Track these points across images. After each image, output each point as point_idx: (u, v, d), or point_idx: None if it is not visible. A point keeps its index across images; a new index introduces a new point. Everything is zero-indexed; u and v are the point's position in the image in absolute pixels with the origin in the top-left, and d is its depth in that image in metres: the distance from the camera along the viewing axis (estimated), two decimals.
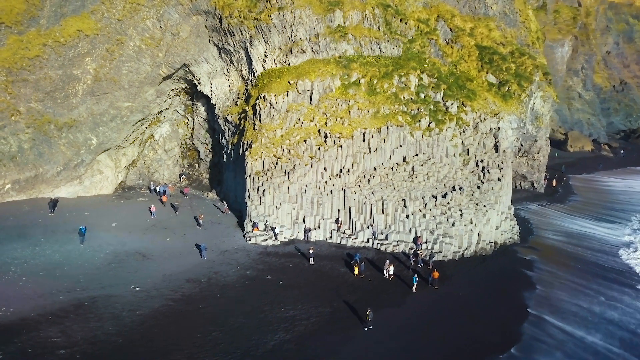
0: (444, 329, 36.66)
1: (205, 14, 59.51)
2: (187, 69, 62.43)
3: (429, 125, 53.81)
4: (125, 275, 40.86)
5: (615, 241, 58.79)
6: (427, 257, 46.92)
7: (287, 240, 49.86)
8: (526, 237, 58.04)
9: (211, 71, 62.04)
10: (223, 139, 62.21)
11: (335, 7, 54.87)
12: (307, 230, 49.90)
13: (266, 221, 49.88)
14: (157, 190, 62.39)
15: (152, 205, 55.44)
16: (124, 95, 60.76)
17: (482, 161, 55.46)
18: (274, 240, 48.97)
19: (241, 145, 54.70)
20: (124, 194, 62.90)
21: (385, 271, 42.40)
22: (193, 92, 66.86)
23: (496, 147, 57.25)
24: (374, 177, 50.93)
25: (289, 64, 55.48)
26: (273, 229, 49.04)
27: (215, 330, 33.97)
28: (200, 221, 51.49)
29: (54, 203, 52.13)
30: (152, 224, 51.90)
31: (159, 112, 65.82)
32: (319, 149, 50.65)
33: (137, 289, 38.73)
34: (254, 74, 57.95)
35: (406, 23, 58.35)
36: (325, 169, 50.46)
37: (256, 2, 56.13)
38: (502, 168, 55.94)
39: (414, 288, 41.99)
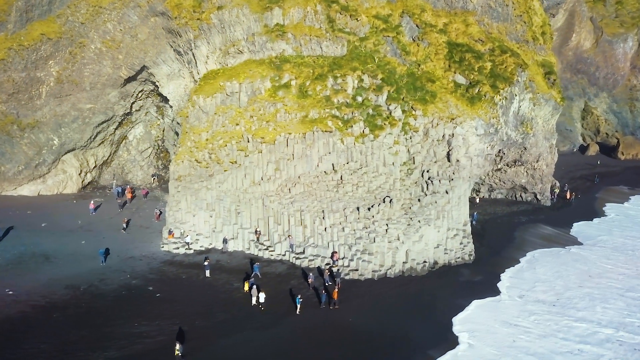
0: None
1: (162, 15, 58.96)
2: (148, 71, 62.33)
3: (363, 131, 49.36)
4: (12, 278, 40.94)
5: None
6: (335, 275, 42.92)
7: (203, 249, 47.97)
8: (488, 258, 51.92)
9: (170, 73, 61.54)
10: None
11: (273, 5, 52.00)
12: (225, 240, 47.71)
13: (182, 229, 48.28)
14: (117, 191, 62.97)
15: (92, 202, 56.30)
16: (86, 97, 61.88)
17: (428, 171, 50.10)
18: (186, 249, 47.27)
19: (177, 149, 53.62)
20: (87, 193, 64.15)
21: (253, 298, 38.89)
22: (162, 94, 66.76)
23: (449, 156, 51.50)
24: (295, 185, 47.63)
25: (227, 65, 53.46)
26: (183, 237, 47.39)
27: (47, 342, 32.85)
28: (124, 225, 50.99)
29: None
30: (81, 225, 52.12)
31: (128, 114, 66.37)
32: (239, 154, 48.20)
33: (10, 292, 38.60)
34: (199, 76, 56.60)
35: (357, 19, 54.08)
36: (245, 175, 47.90)
37: (201, 2, 54.66)
38: (452, 179, 50.21)
39: (297, 310, 38.47)
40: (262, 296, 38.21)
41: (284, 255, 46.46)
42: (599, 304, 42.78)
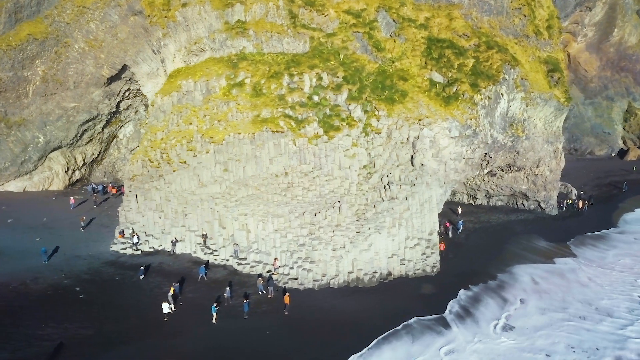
0: None
1: (139, 14, 58.82)
2: (130, 70, 62.44)
3: (317, 132, 46.68)
4: None
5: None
6: (268, 283, 40.75)
7: (152, 250, 47.09)
8: (457, 272, 47.89)
9: (150, 72, 61.20)
10: None
11: (235, 1, 50.36)
12: (173, 242, 46.64)
13: (132, 229, 47.65)
14: (97, 189, 63.54)
15: (72, 198, 57.12)
16: (70, 95, 62.88)
17: (388, 175, 46.79)
18: (134, 250, 46.57)
19: None
20: (75, 190, 65.09)
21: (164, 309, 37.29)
22: None
23: (413, 160, 47.92)
24: (240, 188, 45.73)
25: (190, 64, 52.44)
26: (131, 238, 46.72)
27: None
28: (82, 223, 51.02)
29: None
30: (45, 222, 52.62)
31: (116, 113, 66.95)
32: (188, 154, 46.94)
33: None
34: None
35: (325, 15, 51.46)
36: (192, 176, 46.57)
37: (169, 0, 53.97)
38: (414, 184, 46.65)
39: (214, 319, 36.65)
40: (166, 306, 36.57)
41: (228, 260, 44.79)
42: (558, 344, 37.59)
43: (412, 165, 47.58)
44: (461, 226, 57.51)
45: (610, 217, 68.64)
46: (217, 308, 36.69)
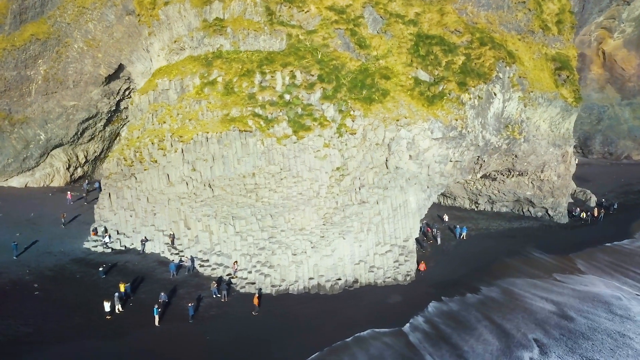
0: None
1: (133, 13, 59.25)
2: (127, 69, 63.05)
3: (286, 132, 45.06)
4: None
5: None
6: (221, 287, 39.73)
7: (123, 249, 47.00)
8: (433, 282, 45.33)
9: (144, 71, 61.61)
10: None
11: None
12: (142, 241, 46.39)
13: (105, 227, 47.75)
14: (92, 185, 64.52)
15: (69, 193, 58.18)
16: (70, 94, 64.14)
17: (361, 178, 44.64)
18: (104, 248, 46.62)
19: None
20: (69, 187, 66.16)
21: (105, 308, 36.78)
22: None
23: (387, 162, 45.54)
24: (205, 188, 44.81)
25: (171, 62, 52.12)
26: (103, 236, 46.79)
27: None
28: (62, 220, 51.60)
29: None
30: (31, 217, 53.57)
31: (116, 111, 67.80)
32: (159, 153, 46.51)
33: None
34: None
35: (305, 11, 49.80)
36: (161, 175, 46.08)
37: None
38: (387, 188, 44.30)
39: (156, 321, 35.91)
40: (107, 305, 36.13)
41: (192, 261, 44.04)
42: None
43: (387, 167, 45.23)
44: (464, 232, 54.91)
45: (629, 227, 63.32)
46: (159, 310, 35.92)
